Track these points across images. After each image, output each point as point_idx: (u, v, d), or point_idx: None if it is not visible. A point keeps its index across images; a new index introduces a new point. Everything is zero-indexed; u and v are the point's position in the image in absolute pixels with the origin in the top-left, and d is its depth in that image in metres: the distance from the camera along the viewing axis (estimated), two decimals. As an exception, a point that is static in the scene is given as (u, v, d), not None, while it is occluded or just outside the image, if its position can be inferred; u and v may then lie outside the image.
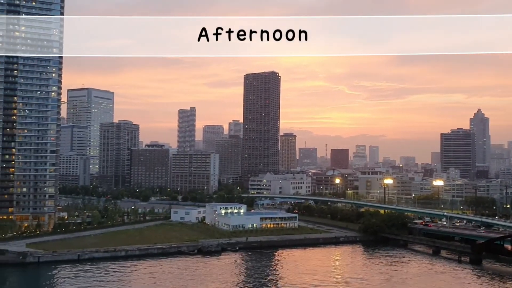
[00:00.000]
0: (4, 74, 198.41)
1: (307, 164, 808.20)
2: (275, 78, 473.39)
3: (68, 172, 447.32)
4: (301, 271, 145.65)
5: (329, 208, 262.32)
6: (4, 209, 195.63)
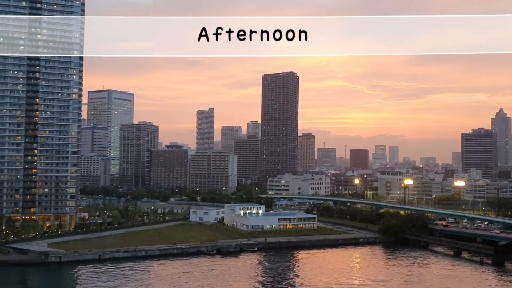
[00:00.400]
0: (26, 76, 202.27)
1: (326, 165, 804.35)
2: (293, 78, 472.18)
3: (89, 173, 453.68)
4: (320, 272, 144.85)
5: (348, 209, 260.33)
6: (27, 209, 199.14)
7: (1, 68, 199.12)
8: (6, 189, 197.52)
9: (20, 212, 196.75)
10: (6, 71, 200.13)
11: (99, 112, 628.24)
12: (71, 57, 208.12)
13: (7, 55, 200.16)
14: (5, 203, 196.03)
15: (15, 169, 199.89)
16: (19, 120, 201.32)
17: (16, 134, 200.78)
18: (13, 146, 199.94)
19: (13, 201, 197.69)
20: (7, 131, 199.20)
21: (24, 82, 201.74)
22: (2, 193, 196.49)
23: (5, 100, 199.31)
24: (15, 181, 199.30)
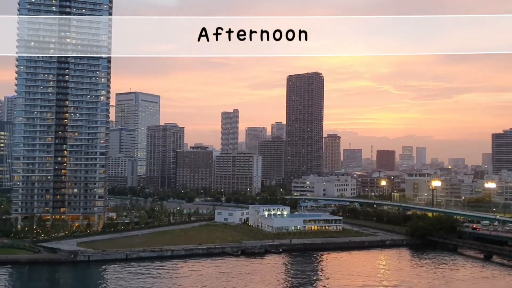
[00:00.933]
0: (56, 79, 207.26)
1: (351, 166, 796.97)
2: (318, 78, 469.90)
3: (117, 174, 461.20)
4: (346, 274, 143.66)
5: (374, 211, 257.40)
6: (57, 209, 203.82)
7: (32, 71, 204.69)
8: (37, 189, 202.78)
9: (51, 212, 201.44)
10: (37, 74, 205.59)
11: (126, 114, 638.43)
12: (99, 60, 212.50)
13: (38, 59, 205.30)
14: (36, 203, 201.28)
15: (45, 170, 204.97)
16: (49, 122, 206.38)
17: (47, 136, 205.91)
18: (43, 147, 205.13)
19: (43, 201, 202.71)
20: (38, 132, 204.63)
21: (54, 85, 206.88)
22: (33, 193, 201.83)
23: (36, 103, 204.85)
24: (46, 181, 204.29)
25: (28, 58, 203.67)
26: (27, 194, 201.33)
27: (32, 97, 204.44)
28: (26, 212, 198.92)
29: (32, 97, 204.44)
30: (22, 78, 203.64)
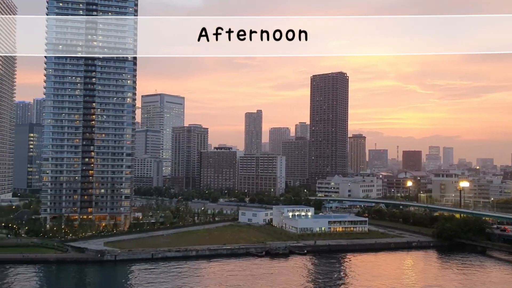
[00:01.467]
0: (83, 81, 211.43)
1: (377, 166, 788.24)
2: (343, 78, 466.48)
3: (143, 174, 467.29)
4: (372, 275, 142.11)
5: (401, 212, 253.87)
6: (84, 209, 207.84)
7: (60, 74, 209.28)
8: (65, 189, 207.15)
9: (78, 212, 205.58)
10: (65, 77, 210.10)
11: (152, 115, 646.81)
12: (125, 62, 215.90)
13: (66, 62, 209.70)
14: (64, 203, 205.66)
15: (73, 171, 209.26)
16: (77, 124, 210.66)
17: (74, 137, 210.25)
18: (71, 149, 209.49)
19: (71, 201, 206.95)
20: (66, 134, 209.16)
21: (81, 87, 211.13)
22: (61, 194, 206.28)
23: (64, 105, 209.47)
24: (74, 182, 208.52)
25: (56, 61, 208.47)
26: (55, 195, 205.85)
27: (60, 99, 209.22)
28: (54, 212, 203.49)
29: (60, 99, 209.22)
30: (50, 81, 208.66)
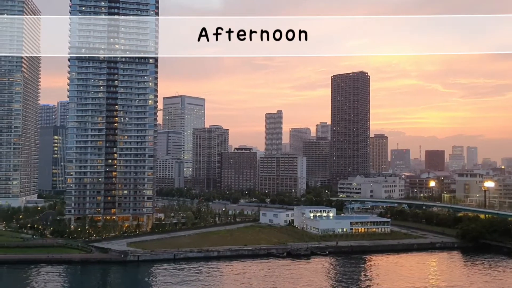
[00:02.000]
0: (106, 84, 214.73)
1: (399, 167, 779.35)
2: (364, 78, 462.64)
3: (164, 175, 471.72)
4: (394, 277, 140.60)
5: (424, 213, 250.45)
6: (108, 210, 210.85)
7: (84, 77, 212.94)
8: (89, 191, 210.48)
9: (102, 213, 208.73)
10: (88, 80, 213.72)
11: (173, 117, 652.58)
12: (147, 65, 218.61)
13: (88, 65, 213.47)
14: (88, 204, 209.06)
15: (96, 172, 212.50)
16: (100, 126, 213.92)
17: (98, 139, 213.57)
18: (95, 151, 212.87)
19: (95, 202, 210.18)
20: (89, 136, 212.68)
21: (104, 90, 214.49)
22: (85, 195, 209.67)
23: (87, 107, 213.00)
24: (97, 183, 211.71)
25: (80, 64, 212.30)
26: (79, 196, 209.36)
27: (83, 102, 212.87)
28: (78, 213, 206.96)
29: (83, 102, 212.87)
30: (74, 84, 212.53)
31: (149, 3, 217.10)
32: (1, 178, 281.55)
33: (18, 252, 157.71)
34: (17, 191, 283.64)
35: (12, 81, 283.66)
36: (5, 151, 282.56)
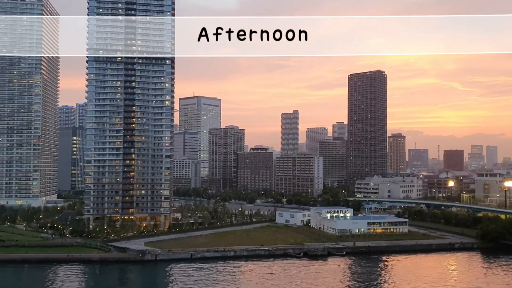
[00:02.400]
0: (123, 85, 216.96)
1: (417, 166, 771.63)
2: (381, 77, 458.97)
3: (181, 175, 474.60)
4: (413, 278, 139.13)
5: (442, 213, 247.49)
6: (125, 210, 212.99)
7: (102, 78, 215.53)
8: (107, 191, 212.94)
9: (120, 213, 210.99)
10: (106, 82, 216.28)
11: (189, 117, 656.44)
12: (163, 66, 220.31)
13: (106, 67, 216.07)
14: (106, 204, 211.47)
15: (115, 172, 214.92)
16: (118, 127, 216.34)
17: (116, 140, 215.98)
18: (113, 151, 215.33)
19: (113, 202, 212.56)
20: (108, 137, 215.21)
21: (121, 91, 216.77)
22: (104, 195, 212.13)
23: (105, 109, 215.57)
24: (115, 183, 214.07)
25: (97, 66, 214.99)
26: (98, 196, 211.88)
27: (101, 103, 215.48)
28: (97, 212, 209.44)
29: (101, 103, 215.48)
30: (92, 86, 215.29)
31: (165, 4, 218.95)
32: (21, 179, 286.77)
33: (38, 252, 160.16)
34: (37, 191, 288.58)
35: (31, 83, 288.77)
36: (25, 152, 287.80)
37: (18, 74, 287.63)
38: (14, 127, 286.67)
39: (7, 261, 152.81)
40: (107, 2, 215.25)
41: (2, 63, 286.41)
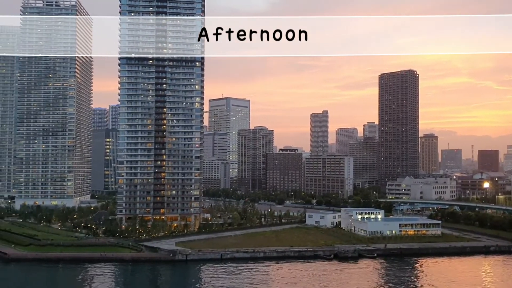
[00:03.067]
0: (154, 88, 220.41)
1: (450, 167, 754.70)
2: (412, 76, 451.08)
3: (211, 176, 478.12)
4: (446, 281, 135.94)
5: (477, 215, 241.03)
6: (157, 210, 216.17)
7: (133, 81, 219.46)
8: (139, 191, 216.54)
9: (151, 213, 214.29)
10: (137, 84, 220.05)
11: (218, 118, 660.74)
12: (193, 68, 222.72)
13: (138, 70, 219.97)
14: (138, 204, 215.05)
15: (146, 173, 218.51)
16: (149, 129, 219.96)
17: (147, 141, 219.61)
18: (144, 152, 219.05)
19: (145, 203, 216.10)
20: (139, 138, 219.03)
21: (153, 94, 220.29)
22: (135, 195, 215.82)
23: (137, 111, 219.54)
24: (147, 184, 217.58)
25: (129, 69, 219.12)
26: (130, 196, 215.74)
27: (133, 105, 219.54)
28: (129, 212, 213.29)
29: (133, 105, 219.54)
30: (124, 88, 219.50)
31: (195, 7, 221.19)
32: (56, 180, 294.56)
33: (73, 251, 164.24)
34: (72, 191, 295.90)
35: (66, 86, 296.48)
36: (60, 154, 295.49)
37: (53, 77, 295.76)
38: (50, 129, 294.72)
39: (43, 260, 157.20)
40: (138, 5, 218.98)
41: (38, 66, 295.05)
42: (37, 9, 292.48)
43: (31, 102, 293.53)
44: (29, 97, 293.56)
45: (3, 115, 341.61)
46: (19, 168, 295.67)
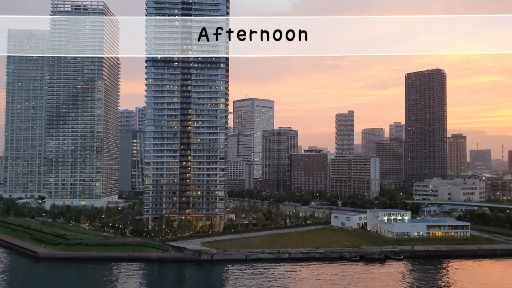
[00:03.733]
0: (180, 90, 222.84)
1: (479, 168, 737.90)
2: (439, 75, 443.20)
3: (235, 177, 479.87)
4: (475, 284, 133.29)
5: (507, 217, 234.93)
6: (182, 210, 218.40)
7: (159, 83, 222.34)
8: (165, 192, 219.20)
9: (177, 213, 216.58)
10: (163, 86, 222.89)
11: (243, 119, 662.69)
12: (218, 70, 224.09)
13: (164, 72, 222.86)
14: (164, 204, 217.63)
15: (172, 174, 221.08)
16: (175, 130, 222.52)
17: (173, 142, 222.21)
18: (170, 153, 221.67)
19: (171, 203, 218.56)
20: (165, 139, 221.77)
21: (178, 95, 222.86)
22: (162, 196, 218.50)
23: (163, 112, 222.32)
24: (173, 184, 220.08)
25: (155, 71, 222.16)
26: (156, 197, 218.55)
27: (159, 107, 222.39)
28: (156, 213, 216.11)
29: (159, 107, 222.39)
30: (150, 90, 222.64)
31: (219, 8, 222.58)
32: (85, 180, 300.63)
33: (101, 250, 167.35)
34: (100, 192, 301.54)
35: (94, 88, 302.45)
36: (88, 155, 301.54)
37: (81, 80, 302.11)
38: (78, 130, 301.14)
39: (72, 259, 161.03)
40: (164, 8, 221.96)
41: (67, 69, 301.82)
42: (65, 12, 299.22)
43: (60, 104, 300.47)
44: (58, 100, 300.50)
45: (33, 117, 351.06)
46: (49, 169, 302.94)
